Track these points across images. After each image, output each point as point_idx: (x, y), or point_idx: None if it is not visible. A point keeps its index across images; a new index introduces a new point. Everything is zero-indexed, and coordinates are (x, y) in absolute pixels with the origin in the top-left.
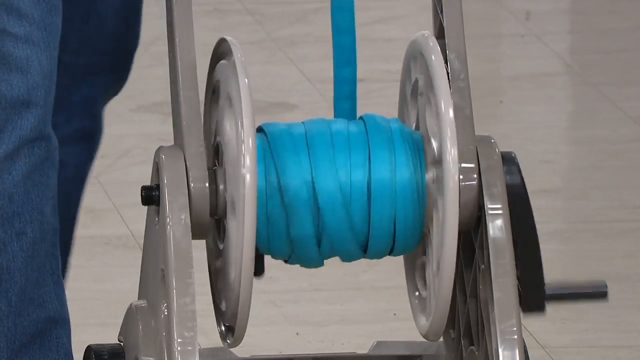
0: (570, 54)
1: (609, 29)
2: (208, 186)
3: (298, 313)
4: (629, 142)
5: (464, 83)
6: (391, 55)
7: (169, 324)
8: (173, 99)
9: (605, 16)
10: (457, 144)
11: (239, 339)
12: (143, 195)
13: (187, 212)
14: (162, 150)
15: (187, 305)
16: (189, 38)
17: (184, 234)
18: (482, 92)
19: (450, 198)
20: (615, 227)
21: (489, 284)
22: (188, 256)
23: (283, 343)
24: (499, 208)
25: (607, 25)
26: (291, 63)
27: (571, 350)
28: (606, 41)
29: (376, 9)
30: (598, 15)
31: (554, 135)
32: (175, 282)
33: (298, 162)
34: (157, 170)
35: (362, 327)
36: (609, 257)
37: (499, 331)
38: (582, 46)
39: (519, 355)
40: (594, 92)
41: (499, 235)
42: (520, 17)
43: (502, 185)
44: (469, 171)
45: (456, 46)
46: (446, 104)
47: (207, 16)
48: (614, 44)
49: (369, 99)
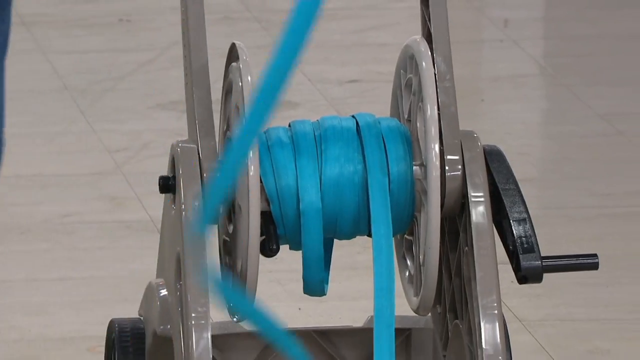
0: (544, 58)
1: (579, 35)
2: None
3: (300, 290)
4: (597, 136)
5: (450, 83)
6: (383, 58)
7: (184, 300)
8: (187, 98)
9: (576, 24)
10: (443, 138)
11: None
12: (161, 184)
13: (200, 200)
14: (178, 144)
15: (200, 283)
16: (202, 43)
17: (197, 219)
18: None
19: (433, 186)
20: (585, 212)
21: (472, 264)
22: (202, 239)
23: (286, 317)
24: (481, 196)
25: (577, 32)
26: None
27: (545, 323)
28: (576, 46)
29: (370, 17)
30: (569, 23)
31: (529, 131)
32: (189, 263)
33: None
34: (173, 162)
35: (357, 303)
36: (579, 240)
37: (481, 306)
38: (555, 50)
39: (499, 328)
40: (565, 92)
41: (481, 220)
42: (499, 24)
43: (484, 175)
44: (454, 163)
45: (442, 50)
46: (432, 107)
47: (218, 23)
48: (583, 49)
49: (363, 97)
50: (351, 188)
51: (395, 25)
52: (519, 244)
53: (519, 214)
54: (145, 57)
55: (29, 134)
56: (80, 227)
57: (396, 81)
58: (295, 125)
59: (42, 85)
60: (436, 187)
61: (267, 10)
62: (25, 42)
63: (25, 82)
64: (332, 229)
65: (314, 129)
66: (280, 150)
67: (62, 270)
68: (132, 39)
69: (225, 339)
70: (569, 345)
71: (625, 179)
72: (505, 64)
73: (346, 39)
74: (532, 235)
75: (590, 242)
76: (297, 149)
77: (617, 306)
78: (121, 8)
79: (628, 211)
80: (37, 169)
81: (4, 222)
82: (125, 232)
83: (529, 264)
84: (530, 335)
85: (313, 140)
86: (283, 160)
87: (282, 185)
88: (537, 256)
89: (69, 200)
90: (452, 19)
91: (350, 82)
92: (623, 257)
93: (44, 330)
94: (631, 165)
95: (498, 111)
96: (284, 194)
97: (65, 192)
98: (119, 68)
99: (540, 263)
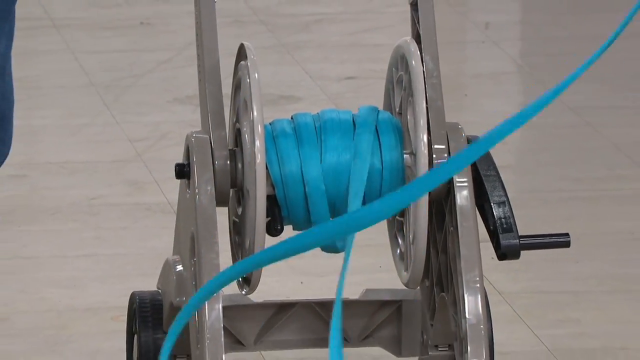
0: (520, 57)
1: (553, 37)
2: (229, 163)
3: (302, 266)
4: (568, 127)
5: (437, 80)
6: (378, 57)
7: (197, 274)
8: (201, 93)
9: (550, 27)
10: (431, 129)
11: (254, 288)
12: (176, 170)
13: (212, 184)
14: (192, 134)
15: (212, 260)
16: (214, 44)
17: (209, 202)
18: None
19: (422, 172)
20: (558, 196)
21: (457, 243)
22: (213, 220)
23: (290, 290)
24: (464, 181)
25: (551, 34)
26: (297, 64)
27: (522, 295)
28: (550, 47)
29: (365, 20)
30: (543, 26)
31: None
32: (202, 241)
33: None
34: (188, 151)
35: (354, 277)
36: (552, 221)
37: (465, 281)
38: (531, 51)
39: (481, 299)
40: (540, 88)
41: (464, 203)
42: (481, 27)
43: None
44: (440, 151)
45: (430, 50)
46: (421, 101)
47: (228, 26)
48: (556, 49)
49: (359, 93)
50: (348, 174)
51: (388, 28)
52: (498, 224)
53: (498, 198)
54: (163, 56)
55: (59, 126)
56: (105, 209)
57: (389, 78)
58: (298, 117)
59: (71, 81)
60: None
61: (273, 14)
62: (56, 43)
63: (56, 79)
64: (330, 211)
65: (315, 121)
66: (284, 140)
67: (88, 248)
68: (152, 40)
69: (234, 309)
70: (543, 315)
71: (593, 166)
72: (486, 63)
73: (344, 40)
74: (511, 217)
75: (562, 222)
76: (299, 139)
77: (585, 280)
78: (142, 12)
79: (596, 194)
80: (66, 157)
81: (37, 204)
82: (145, 213)
83: (507, 243)
84: (509, 306)
85: (314, 131)
86: (287, 149)
87: (286, 172)
88: (515, 235)
89: (95, 184)
90: (439, 22)
91: (347, 79)
92: (591, 236)
93: (72, 301)
94: (598, 153)
95: (480, 105)
96: (288, 179)
97: (92, 177)
98: (140, 66)
99: (518, 241)
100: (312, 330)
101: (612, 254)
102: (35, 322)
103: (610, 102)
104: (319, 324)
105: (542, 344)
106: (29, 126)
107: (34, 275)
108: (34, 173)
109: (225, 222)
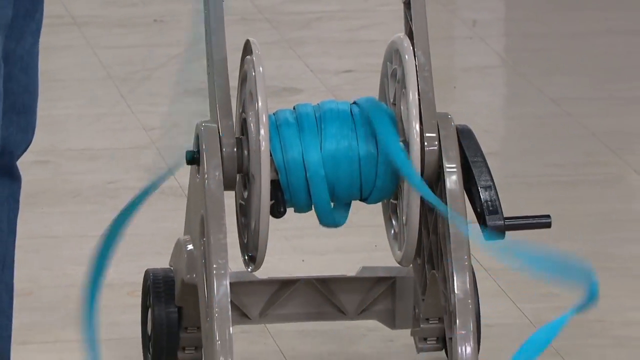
0: (505, 52)
1: (535, 33)
2: (236, 150)
3: (304, 245)
4: (549, 117)
5: (428, 73)
6: (373, 52)
7: (207, 253)
8: (209, 85)
9: (532, 23)
10: (423, 119)
11: (259, 265)
12: (187, 157)
13: (220, 170)
14: (201, 123)
15: (220, 240)
16: (221, 40)
17: (217, 186)
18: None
19: (414, 159)
20: (539, 180)
21: (447, 223)
22: (221, 203)
23: (292, 268)
24: (454, 167)
25: (533, 31)
26: (299, 58)
27: (506, 272)
28: (532, 42)
29: (362, 18)
30: (526, 23)
31: (493, 112)
32: (211, 223)
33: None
34: (198, 138)
35: (351, 256)
36: (534, 203)
37: (454, 259)
38: (515, 46)
39: (468, 276)
40: (523, 80)
41: (454, 187)
42: (469, 24)
43: (457, 149)
44: (431, 139)
45: (422, 45)
46: (413, 93)
47: (235, 23)
48: (538, 45)
49: (356, 85)
50: (346, 160)
51: (382, 25)
52: (485, 206)
53: (485, 182)
54: (175, 51)
55: (79, 115)
56: (122, 192)
57: (383, 71)
58: (299, 107)
59: (90, 74)
60: (417, 160)
61: (277, 12)
62: (77, 39)
63: (77, 72)
64: (330, 194)
65: (315, 111)
66: (287, 129)
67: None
68: (165, 36)
69: (241, 285)
70: (526, 290)
71: (573, 153)
72: (474, 57)
73: (342, 36)
74: (496, 200)
75: (544, 205)
76: (301, 127)
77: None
78: (156, 11)
79: (576, 179)
80: (87, 144)
81: (59, 187)
82: (158, 196)
83: (493, 223)
84: (494, 281)
85: (314, 120)
86: (289, 137)
87: (288, 158)
88: (501, 217)
89: (113, 169)
90: (430, 19)
91: (345, 72)
92: (571, 217)
93: None
94: (578, 140)
95: (468, 96)
96: (290, 165)
97: (110, 163)
98: (153, 60)
99: (503, 223)
100: (313, 304)
101: (590, 234)
102: (57, 296)
103: (589, 94)
104: (319, 299)
105: (524, 316)
106: (51, 116)
107: (57, 253)
108: (57, 159)
109: (232, 205)
